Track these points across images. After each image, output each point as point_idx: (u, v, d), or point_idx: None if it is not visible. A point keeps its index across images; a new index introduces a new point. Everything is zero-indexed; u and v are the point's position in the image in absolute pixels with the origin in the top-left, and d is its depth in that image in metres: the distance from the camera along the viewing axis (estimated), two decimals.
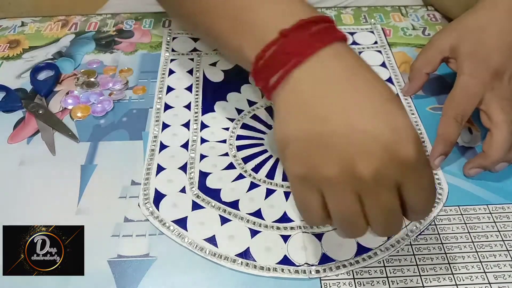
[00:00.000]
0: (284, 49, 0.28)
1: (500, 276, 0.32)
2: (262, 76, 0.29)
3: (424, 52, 0.43)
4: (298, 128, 0.27)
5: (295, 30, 0.28)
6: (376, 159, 0.25)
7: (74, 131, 0.42)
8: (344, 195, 0.26)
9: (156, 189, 0.37)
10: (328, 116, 0.26)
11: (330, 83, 0.27)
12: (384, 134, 0.25)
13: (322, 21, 0.29)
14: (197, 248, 0.34)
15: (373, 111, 0.26)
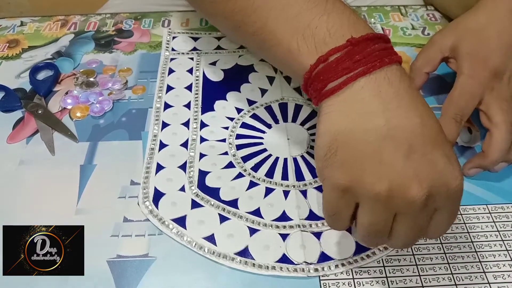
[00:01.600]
0: (352, 56, 0.28)
1: (499, 276, 0.32)
2: (320, 79, 0.29)
3: (424, 52, 0.43)
4: (353, 139, 0.27)
5: (364, 41, 0.28)
6: (429, 184, 0.25)
7: (73, 131, 0.42)
8: (383, 213, 0.26)
9: (155, 187, 0.37)
10: (390, 133, 0.26)
11: (395, 100, 0.27)
12: (442, 163, 0.26)
13: (385, 39, 0.29)
14: (196, 247, 0.34)
15: (432, 137, 0.26)
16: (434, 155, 0.26)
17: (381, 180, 0.26)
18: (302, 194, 0.37)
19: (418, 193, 0.25)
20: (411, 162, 0.26)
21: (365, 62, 0.27)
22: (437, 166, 0.26)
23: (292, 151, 0.40)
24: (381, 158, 0.26)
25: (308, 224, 0.35)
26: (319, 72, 0.29)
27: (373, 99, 0.27)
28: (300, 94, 0.46)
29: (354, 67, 0.27)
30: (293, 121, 0.43)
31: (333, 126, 0.28)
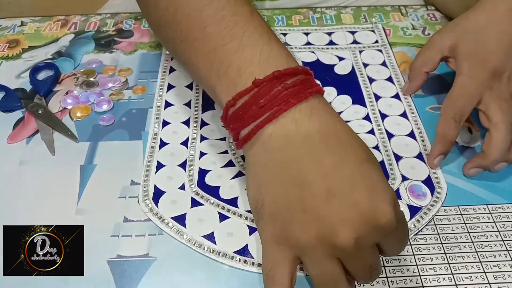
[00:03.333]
0: (257, 100, 0.26)
1: (500, 276, 0.32)
2: (232, 126, 0.28)
3: (424, 51, 0.43)
4: (274, 191, 0.26)
5: (269, 81, 0.26)
6: (356, 227, 0.25)
7: (74, 131, 0.42)
8: (323, 261, 0.26)
9: (155, 186, 0.37)
10: (306, 181, 0.25)
11: (305, 145, 0.26)
12: (363, 201, 0.25)
13: (299, 72, 0.28)
14: (195, 245, 0.34)
15: (350, 176, 0.25)
16: (355, 194, 0.25)
17: (309, 229, 0.25)
18: None
19: (346, 239, 0.25)
20: (333, 208, 0.25)
21: (270, 107, 0.26)
22: (359, 206, 0.25)
23: None
24: (304, 207, 0.25)
25: None
26: (230, 118, 0.28)
27: (282, 148, 0.26)
28: None
29: (260, 113, 0.26)
30: None
31: (255, 178, 0.27)
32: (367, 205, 0.25)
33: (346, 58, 0.49)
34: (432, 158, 0.38)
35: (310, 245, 0.25)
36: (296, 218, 0.26)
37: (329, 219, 0.25)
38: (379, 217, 0.25)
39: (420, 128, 0.42)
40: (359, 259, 0.26)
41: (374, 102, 0.45)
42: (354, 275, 0.27)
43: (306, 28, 0.53)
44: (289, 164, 0.26)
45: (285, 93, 0.26)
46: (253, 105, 0.27)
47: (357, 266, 0.26)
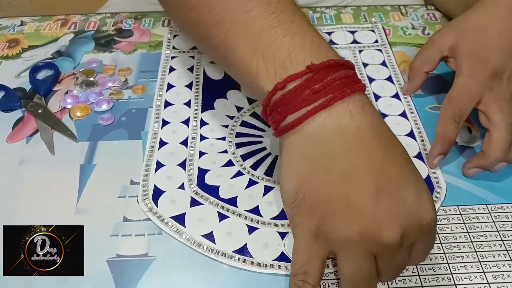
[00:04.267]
0: (311, 85, 0.26)
1: (499, 276, 0.32)
2: (280, 110, 0.27)
3: (423, 51, 0.43)
4: (319, 183, 0.26)
5: (324, 68, 0.26)
6: (402, 225, 0.25)
7: (73, 130, 0.42)
8: (361, 257, 0.26)
9: (155, 185, 0.37)
10: (355, 175, 0.25)
11: (358, 138, 0.25)
12: (410, 200, 0.25)
13: (348, 66, 0.27)
14: (195, 244, 0.34)
15: (398, 174, 0.26)
16: (402, 192, 0.25)
17: (352, 225, 0.25)
18: None
19: (392, 235, 0.25)
20: (380, 204, 0.25)
21: (325, 93, 0.25)
22: (406, 203, 0.25)
23: None
24: (349, 202, 0.25)
25: None
26: (277, 102, 0.27)
27: (334, 138, 0.25)
28: None
29: (314, 98, 0.25)
30: None
31: (296, 169, 0.26)
32: (413, 203, 0.25)
33: (346, 57, 0.49)
34: (431, 158, 0.38)
35: (351, 241, 0.25)
36: (339, 212, 0.25)
37: (375, 216, 0.25)
38: (424, 215, 0.25)
39: (419, 128, 0.42)
40: (396, 258, 0.26)
41: (374, 101, 0.45)
42: (384, 273, 0.27)
43: None
44: (339, 156, 0.25)
45: (339, 82, 0.26)
46: (307, 89, 0.26)
47: (391, 265, 0.26)
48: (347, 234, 0.25)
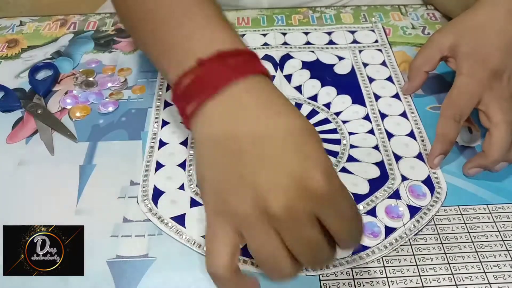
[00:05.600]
0: (199, 79, 0.28)
1: (500, 276, 0.32)
2: (179, 104, 0.29)
3: (423, 51, 0.43)
4: (213, 163, 0.27)
5: (212, 60, 0.28)
6: (286, 193, 0.24)
7: (73, 131, 0.42)
8: (260, 232, 0.25)
9: (155, 186, 0.37)
10: (241, 149, 0.26)
11: (241, 116, 0.27)
12: (293, 165, 0.25)
13: (243, 53, 0.29)
14: (195, 245, 0.34)
15: (282, 142, 0.25)
16: (286, 160, 0.25)
17: (244, 198, 0.25)
18: None
19: (277, 204, 0.24)
20: (264, 173, 0.25)
21: (209, 83, 0.27)
22: (289, 171, 0.24)
23: None
24: (239, 175, 0.25)
25: None
26: (177, 97, 0.29)
27: (221, 121, 0.27)
28: (300, 93, 0.45)
29: (201, 90, 0.27)
30: None
31: (199, 154, 0.28)
32: (298, 171, 0.24)
33: (346, 57, 0.49)
34: (432, 158, 0.38)
35: (245, 215, 0.25)
36: (232, 188, 0.25)
37: (261, 186, 0.24)
38: (309, 182, 0.24)
39: (420, 128, 0.42)
40: (296, 231, 0.25)
41: (374, 101, 0.45)
42: (295, 252, 0.25)
43: (306, 27, 0.53)
44: (227, 135, 0.26)
45: (224, 71, 0.28)
46: (196, 83, 0.28)
47: (294, 239, 0.25)
48: (242, 209, 0.25)
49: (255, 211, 0.25)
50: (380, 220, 0.35)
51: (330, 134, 0.41)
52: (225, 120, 0.27)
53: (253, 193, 0.25)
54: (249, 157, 0.25)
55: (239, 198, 0.25)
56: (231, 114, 0.27)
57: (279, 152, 0.25)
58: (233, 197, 0.25)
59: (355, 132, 0.42)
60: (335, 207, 0.25)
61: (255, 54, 0.29)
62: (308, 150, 0.25)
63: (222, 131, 0.27)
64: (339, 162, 0.39)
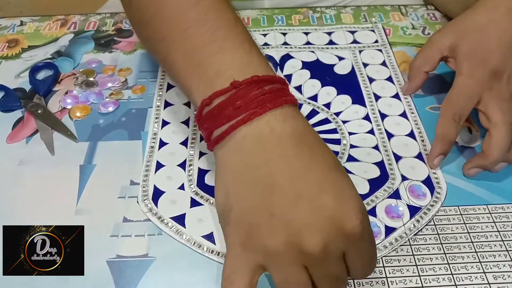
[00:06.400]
0: (233, 101, 0.27)
1: (499, 276, 0.32)
2: (206, 125, 0.28)
3: (423, 51, 0.43)
4: (243, 195, 0.26)
5: (248, 84, 0.27)
6: (323, 233, 0.24)
7: (73, 131, 0.42)
8: (289, 267, 0.25)
9: (155, 185, 0.37)
10: (276, 184, 0.25)
11: (278, 148, 0.26)
12: (331, 206, 0.25)
13: (276, 81, 0.28)
14: (195, 245, 0.34)
15: (319, 181, 0.25)
16: (322, 199, 0.25)
17: (276, 233, 0.25)
18: None
19: (313, 242, 0.24)
20: (300, 211, 0.25)
21: (246, 109, 0.26)
22: (326, 210, 0.25)
23: None
24: (272, 212, 0.25)
25: None
26: (204, 118, 0.28)
27: (254, 150, 0.26)
28: (300, 93, 0.46)
29: (236, 114, 0.26)
30: None
31: (224, 181, 0.27)
32: (334, 210, 0.25)
33: (346, 57, 0.49)
34: (432, 158, 0.38)
35: (276, 251, 0.25)
36: (263, 222, 0.25)
37: (297, 223, 0.25)
38: (346, 222, 0.25)
39: (420, 128, 0.42)
40: (326, 268, 0.25)
41: (374, 102, 0.45)
42: (319, 286, 0.26)
43: (306, 27, 0.53)
44: (260, 166, 0.26)
45: (261, 98, 0.27)
46: (229, 106, 0.27)
47: (323, 275, 0.26)
48: (272, 244, 0.25)
49: (288, 247, 0.25)
50: (380, 220, 0.35)
51: (330, 134, 0.41)
52: (259, 149, 0.26)
53: (287, 229, 0.25)
54: (284, 193, 0.25)
55: (271, 233, 0.25)
56: (266, 143, 0.26)
57: (316, 190, 0.25)
58: (264, 231, 0.25)
59: (355, 132, 0.42)
60: (363, 247, 0.26)
61: (286, 81, 0.29)
62: (343, 189, 0.26)
63: (256, 162, 0.26)
64: (339, 162, 0.39)
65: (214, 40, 0.29)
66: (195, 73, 0.29)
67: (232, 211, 0.27)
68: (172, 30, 0.31)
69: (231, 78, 0.27)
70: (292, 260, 0.25)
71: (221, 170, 0.28)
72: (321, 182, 0.25)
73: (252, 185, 0.26)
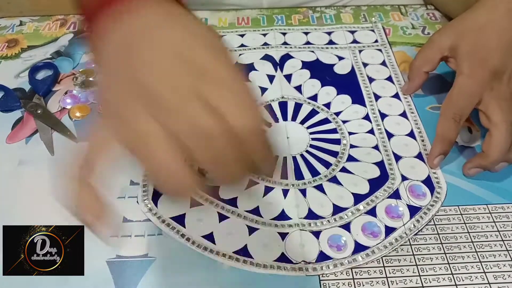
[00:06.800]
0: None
1: (499, 276, 0.32)
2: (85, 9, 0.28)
3: (423, 51, 0.43)
4: (109, 48, 0.26)
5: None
6: (163, 65, 0.23)
7: (73, 131, 0.42)
8: (134, 115, 0.23)
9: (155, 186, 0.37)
10: (135, 39, 0.24)
11: (143, 22, 0.25)
12: (179, 38, 0.24)
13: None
14: (195, 245, 0.34)
15: (176, 27, 0.25)
16: (175, 34, 0.24)
17: (124, 83, 0.24)
18: (301, 193, 0.37)
19: (155, 81, 0.23)
20: (150, 46, 0.24)
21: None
22: (175, 43, 0.24)
23: (292, 150, 0.40)
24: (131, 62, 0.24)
25: (307, 223, 0.35)
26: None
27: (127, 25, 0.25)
28: (300, 92, 0.45)
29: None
30: (292, 120, 0.43)
31: (101, 63, 0.27)
32: (183, 43, 0.24)
33: (346, 57, 0.49)
34: (432, 158, 0.38)
35: (124, 104, 0.23)
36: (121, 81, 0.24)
37: (142, 62, 0.23)
38: (193, 55, 0.23)
39: (420, 128, 0.42)
40: (180, 112, 0.22)
41: (373, 101, 0.45)
42: (183, 137, 0.22)
43: (305, 27, 0.53)
44: (129, 30, 0.25)
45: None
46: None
47: (179, 123, 0.22)
48: (122, 93, 0.24)
49: (134, 93, 0.23)
50: (380, 220, 0.35)
51: (330, 134, 0.41)
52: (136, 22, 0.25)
53: (135, 72, 0.23)
54: (137, 44, 0.24)
55: (121, 82, 0.24)
56: (133, 21, 0.25)
57: (169, 31, 0.24)
58: (117, 79, 0.24)
59: (355, 132, 0.42)
60: (225, 86, 0.23)
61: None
62: (200, 29, 0.25)
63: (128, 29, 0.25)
64: (339, 162, 0.39)
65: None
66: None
67: (102, 87, 0.26)
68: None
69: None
70: (139, 108, 0.23)
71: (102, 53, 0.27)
72: (173, 27, 0.25)
73: (116, 48, 0.25)
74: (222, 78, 0.23)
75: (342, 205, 0.36)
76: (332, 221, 0.35)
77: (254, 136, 0.23)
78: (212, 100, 0.22)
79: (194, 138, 0.22)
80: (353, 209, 0.36)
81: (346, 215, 0.35)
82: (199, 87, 0.22)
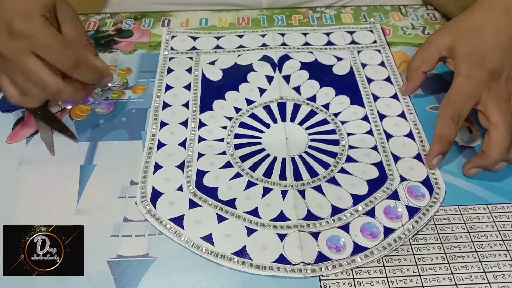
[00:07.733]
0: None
1: (499, 276, 0.32)
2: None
3: (422, 51, 0.43)
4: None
5: None
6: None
7: (73, 131, 0.42)
8: (22, 58, 0.32)
9: (153, 187, 0.37)
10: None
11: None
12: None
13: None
14: (193, 247, 0.34)
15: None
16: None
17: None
18: (300, 194, 0.37)
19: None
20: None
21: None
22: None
23: (290, 150, 0.40)
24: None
25: (305, 224, 0.35)
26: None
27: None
28: (299, 93, 0.46)
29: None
30: (291, 120, 0.43)
31: None
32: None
33: (345, 58, 0.49)
34: (430, 158, 0.38)
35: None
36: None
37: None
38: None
39: (418, 128, 0.42)
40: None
41: (372, 102, 0.45)
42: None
43: (304, 28, 0.53)
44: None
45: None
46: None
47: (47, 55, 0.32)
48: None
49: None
50: (379, 221, 0.35)
51: (328, 135, 0.42)
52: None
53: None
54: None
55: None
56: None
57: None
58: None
59: (354, 133, 0.42)
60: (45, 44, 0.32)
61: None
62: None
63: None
64: (338, 163, 0.39)
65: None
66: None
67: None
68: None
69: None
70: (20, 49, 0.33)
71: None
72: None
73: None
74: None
75: (341, 206, 0.36)
76: (331, 222, 0.35)
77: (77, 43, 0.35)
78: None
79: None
80: (352, 210, 0.36)
81: (345, 216, 0.35)
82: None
